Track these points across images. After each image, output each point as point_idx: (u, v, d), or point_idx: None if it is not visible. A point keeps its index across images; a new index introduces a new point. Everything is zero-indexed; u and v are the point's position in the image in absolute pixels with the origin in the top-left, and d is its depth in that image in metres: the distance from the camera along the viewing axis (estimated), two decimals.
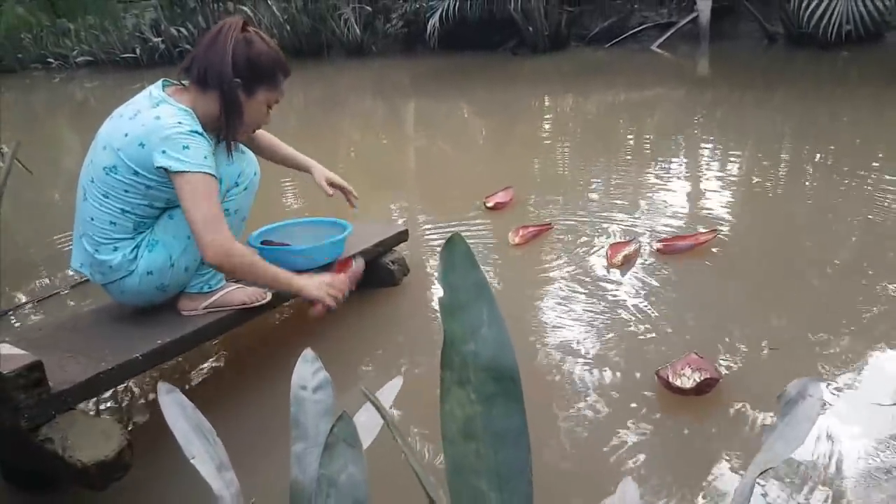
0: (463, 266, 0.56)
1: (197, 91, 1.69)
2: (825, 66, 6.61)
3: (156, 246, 1.71)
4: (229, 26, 1.69)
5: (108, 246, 1.68)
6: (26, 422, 1.39)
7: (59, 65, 13.82)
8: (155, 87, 1.70)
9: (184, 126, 1.61)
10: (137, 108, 1.65)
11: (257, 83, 1.72)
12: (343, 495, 0.61)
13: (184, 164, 1.59)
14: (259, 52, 1.70)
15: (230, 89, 1.68)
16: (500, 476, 0.53)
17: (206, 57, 1.67)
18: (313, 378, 0.99)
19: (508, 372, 0.56)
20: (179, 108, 1.64)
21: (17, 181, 2.95)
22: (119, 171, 1.63)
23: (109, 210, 1.66)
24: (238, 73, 1.67)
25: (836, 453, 1.46)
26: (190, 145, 1.60)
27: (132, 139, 1.60)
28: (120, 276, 1.70)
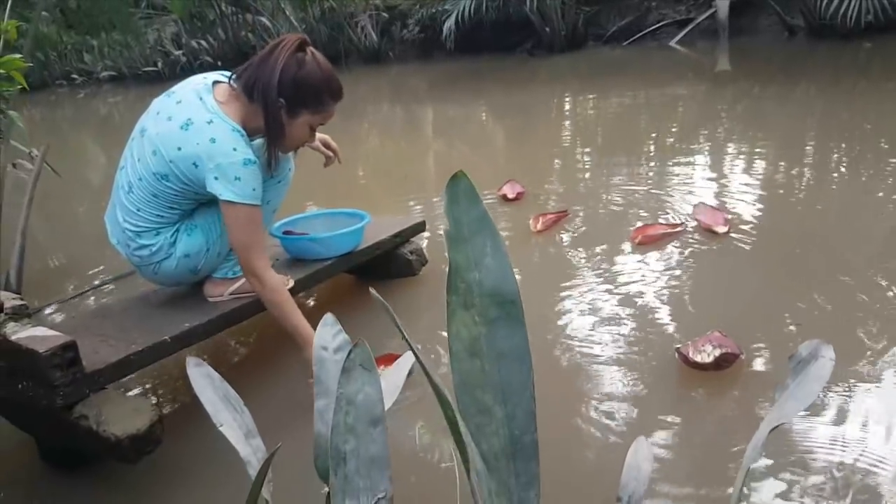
0: (466, 200, 0.60)
1: (246, 101, 1.71)
2: (847, 58, 6.54)
3: (195, 230, 1.78)
4: (284, 44, 1.70)
5: (151, 232, 1.76)
6: (62, 399, 1.45)
7: (84, 80, 14.14)
8: (205, 90, 1.71)
9: (238, 154, 1.64)
10: (189, 116, 1.66)
11: (301, 105, 1.73)
12: (360, 413, 0.65)
13: (234, 195, 1.65)
14: (307, 74, 1.70)
15: (273, 109, 1.69)
16: (503, 391, 0.57)
17: (257, 71, 1.69)
18: (334, 340, 1.03)
19: (510, 297, 0.60)
20: (233, 129, 1.66)
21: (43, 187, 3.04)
22: (170, 180, 1.69)
23: (158, 206, 1.73)
24: (283, 93, 1.68)
25: (858, 447, 1.44)
26: (242, 177, 1.65)
27: (186, 156, 1.65)
28: (158, 259, 1.77)
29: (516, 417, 0.56)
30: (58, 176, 3.25)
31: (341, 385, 0.66)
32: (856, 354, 1.74)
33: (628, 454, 1.09)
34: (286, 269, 2.06)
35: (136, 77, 13.04)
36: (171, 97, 1.73)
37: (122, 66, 13.42)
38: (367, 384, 0.65)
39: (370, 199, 3.89)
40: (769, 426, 1.00)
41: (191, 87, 1.73)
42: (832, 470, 1.37)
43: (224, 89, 1.73)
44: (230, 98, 1.72)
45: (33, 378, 1.47)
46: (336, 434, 0.65)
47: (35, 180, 2.91)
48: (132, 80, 13.14)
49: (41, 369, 1.43)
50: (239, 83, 1.72)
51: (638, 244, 2.58)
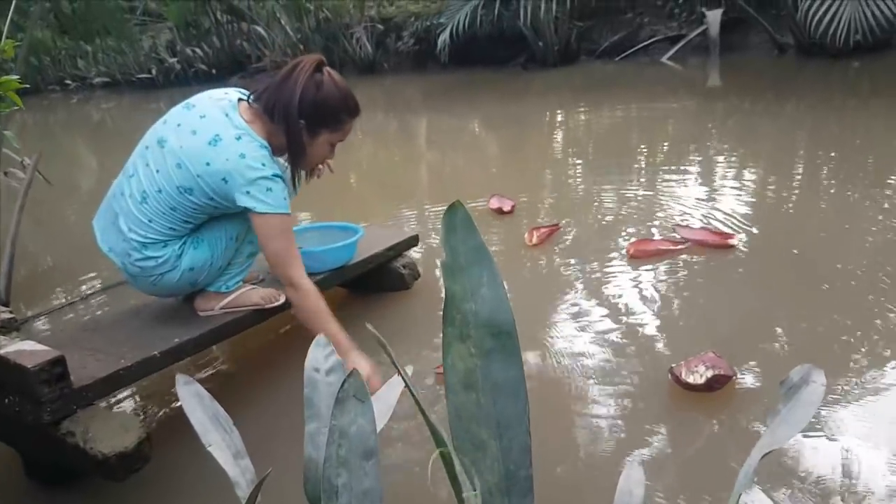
0: (463, 230, 0.60)
1: (268, 121, 1.74)
2: (836, 76, 6.60)
3: (201, 244, 1.78)
4: (303, 66, 1.73)
5: (159, 244, 1.74)
6: (49, 415, 1.44)
7: (77, 86, 14.09)
8: (231, 107, 1.73)
9: (267, 169, 1.68)
10: (216, 132, 1.67)
11: (321, 126, 1.77)
12: (353, 445, 0.64)
13: (267, 206, 1.68)
14: (326, 95, 1.73)
15: (295, 131, 1.73)
16: (499, 425, 0.56)
17: (276, 93, 1.72)
18: (326, 361, 1.03)
19: (506, 328, 0.60)
20: (261, 145, 1.69)
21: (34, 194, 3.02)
22: (195, 194, 1.69)
23: (173, 220, 1.73)
24: (303, 114, 1.72)
25: (856, 463, 1.45)
26: (273, 188, 1.68)
27: (215, 172, 1.66)
28: (162, 271, 1.76)
29: (511, 452, 0.56)
30: (49, 184, 3.23)
31: (334, 416, 0.66)
32: (848, 374, 1.75)
33: (620, 479, 1.09)
34: (278, 284, 2.05)
35: (130, 83, 13.00)
36: (193, 111, 1.74)
37: (115, 72, 13.38)
38: (360, 416, 0.65)
39: (363, 209, 3.89)
40: (761, 452, 1.00)
41: (213, 102, 1.75)
42: (826, 492, 1.37)
43: (247, 107, 1.76)
44: (255, 116, 1.75)
45: (20, 393, 1.46)
46: (328, 467, 0.64)
47: (26, 189, 2.89)
48: (126, 86, 13.10)
49: (29, 384, 1.42)
50: (259, 104, 1.74)
51: (631, 257, 2.60)
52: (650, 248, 2.64)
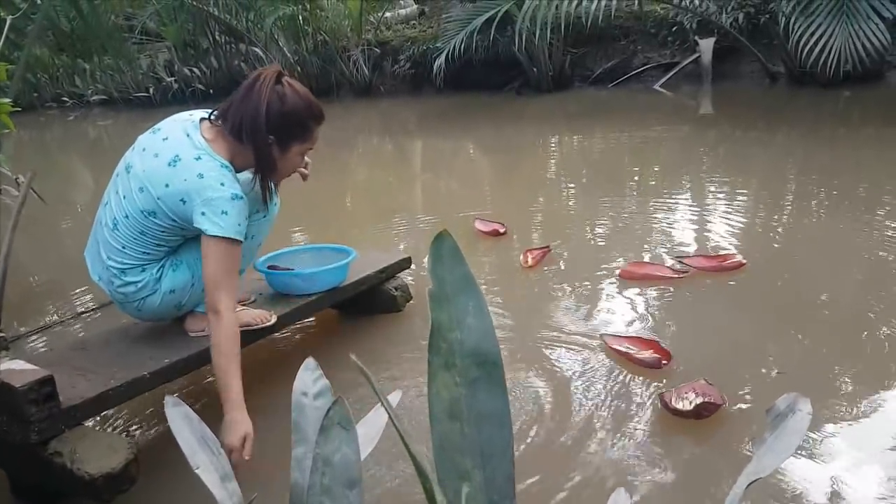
0: (450, 260, 0.61)
1: (234, 140, 1.71)
2: (827, 105, 6.69)
3: (180, 266, 1.78)
4: (263, 79, 1.70)
5: (137, 269, 1.74)
6: (37, 435, 1.43)
7: (74, 103, 14.11)
8: (192, 127, 1.71)
9: (226, 189, 1.64)
10: (176, 153, 1.66)
11: (291, 138, 1.74)
12: (337, 474, 0.64)
13: (219, 230, 1.63)
14: (292, 107, 1.70)
15: (264, 147, 1.70)
16: (483, 455, 0.57)
17: (240, 110, 1.69)
18: (314, 385, 1.03)
19: (491, 357, 0.61)
20: (221, 165, 1.67)
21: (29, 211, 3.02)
22: (158, 217, 1.68)
23: (145, 244, 1.72)
24: (271, 130, 1.69)
25: (845, 490, 1.46)
26: (229, 211, 1.64)
27: (173, 193, 1.64)
28: (143, 295, 1.76)
29: (495, 482, 0.57)
30: (43, 202, 3.23)
31: (318, 445, 0.66)
32: (838, 402, 1.76)
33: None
34: (269, 304, 2.06)
35: (128, 102, 13.03)
36: (157, 134, 1.74)
37: (113, 90, 13.42)
38: (344, 444, 0.65)
39: (357, 231, 3.90)
40: (747, 480, 1.01)
41: (177, 123, 1.74)
42: None
43: (209, 126, 1.74)
44: (217, 135, 1.72)
45: (8, 412, 1.45)
46: (312, 495, 0.65)
47: (20, 207, 2.89)
48: (123, 104, 13.13)
49: (17, 404, 1.42)
50: (225, 124, 1.71)
51: (622, 278, 2.64)
52: (643, 272, 2.67)
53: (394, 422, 0.52)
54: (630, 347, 2.09)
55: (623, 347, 2.10)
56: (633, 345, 2.10)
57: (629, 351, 2.08)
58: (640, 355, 2.05)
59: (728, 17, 7.90)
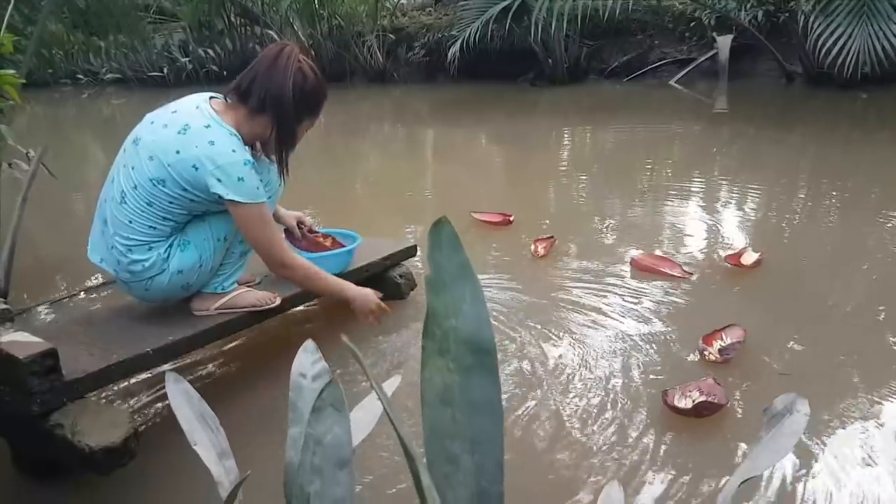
0: (449, 247, 0.61)
1: (249, 112, 1.74)
2: (843, 106, 6.63)
3: (188, 246, 1.78)
4: (289, 54, 1.74)
5: (144, 246, 1.75)
6: (38, 407, 1.45)
7: (89, 81, 14.16)
8: (202, 101, 1.75)
9: (238, 155, 1.68)
10: (186, 122, 1.69)
11: (305, 114, 1.81)
12: (328, 454, 0.65)
13: (241, 196, 1.69)
14: (313, 86, 1.78)
15: (289, 119, 1.76)
16: (473, 441, 0.57)
17: (266, 82, 1.72)
18: (313, 367, 1.03)
19: (485, 345, 0.61)
20: (231, 133, 1.70)
21: (38, 186, 3.04)
22: (167, 185, 1.69)
23: (152, 216, 1.73)
24: (295, 104, 1.75)
25: (844, 491, 1.45)
26: (244, 177, 1.68)
27: (184, 158, 1.67)
28: (151, 274, 1.76)
29: (485, 468, 0.57)
30: (53, 178, 3.25)
31: (310, 424, 0.67)
32: (840, 403, 1.76)
33: (600, 498, 1.09)
34: (274, 287, 2.06)
35: (141, 81, 13.07)
36: (166, 109, 1.77)
37: (126, 69, 13.46)
38: (336, 425, 0.66)
39: (365, 217, 3.91)
40: (740, 478, 1.01)
41: (186, 99, 1.78)
42: None
43: (219, 101, 1.78)
44: (226, 108, 1.76)
45: (11, 384, 1.47)
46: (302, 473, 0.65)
47: (30, 181, 2.91)
48: (137, 84, 13.17)
49: (19, 375, 1.43)
50: (244, 94, 1.74)
51: (634, 268, 2.67)
52: (654, 265, 2.67)
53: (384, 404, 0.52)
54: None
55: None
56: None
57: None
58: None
59: (747, 15, 7.84)
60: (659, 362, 2.01)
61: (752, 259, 2.63)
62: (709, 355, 1.98)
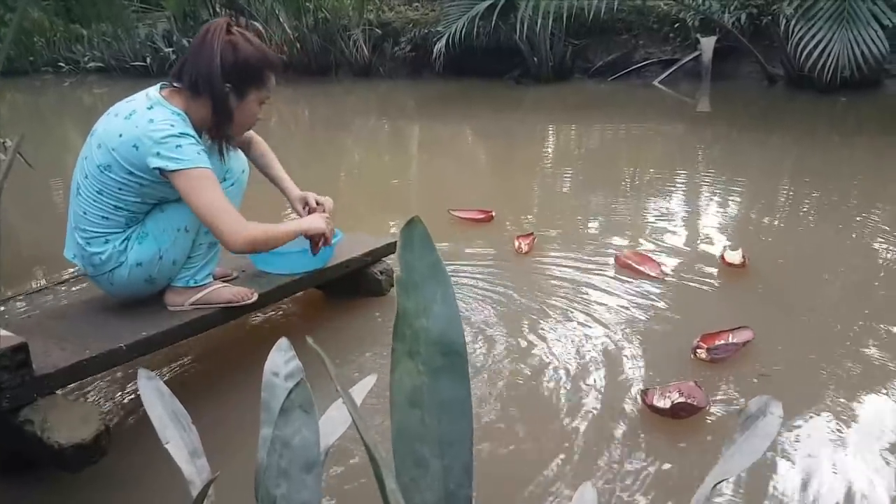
0: (420, 247, 0.60)
1: (189, 95, 1.73)
2: (823, 110, 6.70)
3: (146, 238, 1.76)
4: (213, 30, 1.72)
5: (100, 238, 1.73)
6: (8, 402, 1.42)
7: (70, 69, 13.96)
8: (153, 89, 1.75)
9: (175, 128, 1.66)
10: (133, 108, 1.69)
11: (247, 85, 1.76)
12: (295, 456, 0.64)
13: (179, 163, 1.64)
14: (246, 55, 1.73)
15: (221, 96, 1.72)
16: (441, 444, 0.57)
17: (195, 64, 1.71)
18: (286, 366, 1.02)
19: (456, 347, 0.60)
20: (173, 111, 1.69)
21: (18, 177, 2.99)
22: (113, 170, 1.67)
23: (103, 206, 1.71)
24: (227, 78, 1.71)
25: (819, 494, 1.47)
26: (182, 144, 1.65)
27: (126, 140, 1.65)
28: (110, 267, 1.74)
29: (453, 471, 0.56)
30: (31, 168, 3.19)
31: (278, 427, 0.66)
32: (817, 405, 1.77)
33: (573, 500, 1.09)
34: (251, 282, 2.05)
35: (124, 71, 12.89)
36: (124, 100, 1.76)
37: (109, 58, 13.28)
38: (304, 427, 0.65)
39: (347, 212, 3.88)
40: (714, 480, 1.01)
41: (142, 90, 1.77)
42: None
43: (170, 90, 1.76)
44: (173, 94, 1.75)
45: None
46: (268, 476, 0.64)
47: (6, 171, 2.85)
48: (119, 73, 13.00)
49: None
50: (182, 82, 1.73)
51: (618, 265, 2.69)
52: (635, 263, 2.68)
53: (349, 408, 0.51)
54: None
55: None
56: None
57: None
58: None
59: (730, 17, 7.88)
60: (641, 361, 2.02)
61: (737, 258, 2.64)
62: (700, 354, 1.99)
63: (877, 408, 1.78)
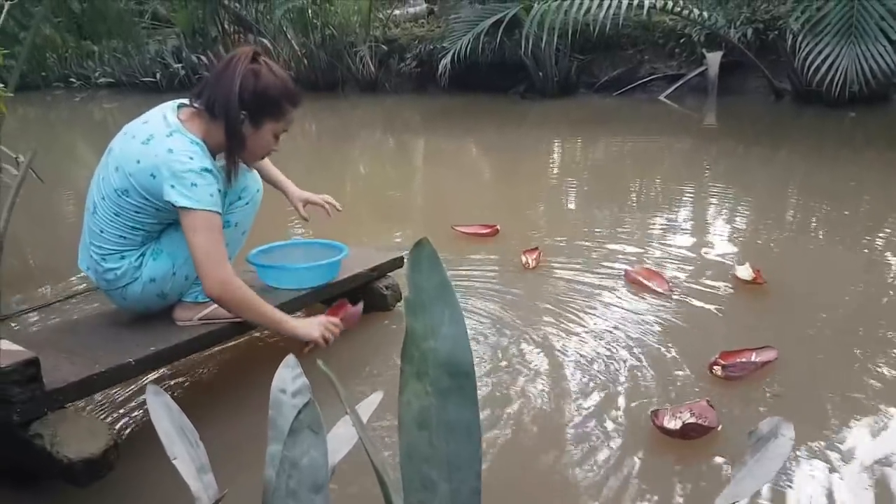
0: (429, 268, 0.61)
1: (208, 118, 1.75)
2: (831, 125, 6.69)
3: (160, 255, 1.78)
4: (239, 57, 1.74)
5: (116, 255, 1.75)
6: (18, 416, 1.43)
7: (81, 85, 14.11)
8: (170, 111, 1.75)
9: (194, 163, 1.66)
10: (151, 133, 1.70)
11: (263, 115, 1.77)
12: (304, 477, 0.64)
13: (190, 201, 1.65)
14: (266, 84, 1.74)
15: (235, 122, 1.73)
16: (450, 466, 0.57)
17: (215, 87, 1.73)
18: (293, 383, 1.03)
19: (464, 368, 0.61)
20: (192, 141, 1.69)
21: (28, 190, 3.02)
22: (130, 195, 1.70)
23: (120, 226, 1.73)
24: (244, 105, 1.72)
25: None
26: (198, 183, 1.66)
27: (144, 168, 1.67)
28: (124, 283, 1.76)
29: (461, 494, 0.57)
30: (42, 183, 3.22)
31: (287, 447, 0.66)
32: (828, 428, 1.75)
33: None
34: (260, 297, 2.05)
35: (134, 86, 13.03)
36: (140, 119, 1.77)
37: (119, 73, 13.42)
38: (313, 448, 0.65)
39: (353, 226, 3.90)
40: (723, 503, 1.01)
41: (158, 108, 1.78)
42: None
43: (187, 110, 1.78)
44: (192, 116, 1.76)
45: None
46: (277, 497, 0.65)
47: (18, 186, 2.88)
48: (129, 88, 13.13)
49: (0, 384, 1.41)
50: (199, 102, 1.75)
51: (628, 281, 2.70)
52: (644, 279, 2.68)
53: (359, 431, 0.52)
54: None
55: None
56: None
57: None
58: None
59: (737, 32, 7.90)
60: (652, 379, 2.00)
61: (748, 274, 2.64)
62: (716, 370, 1.98)
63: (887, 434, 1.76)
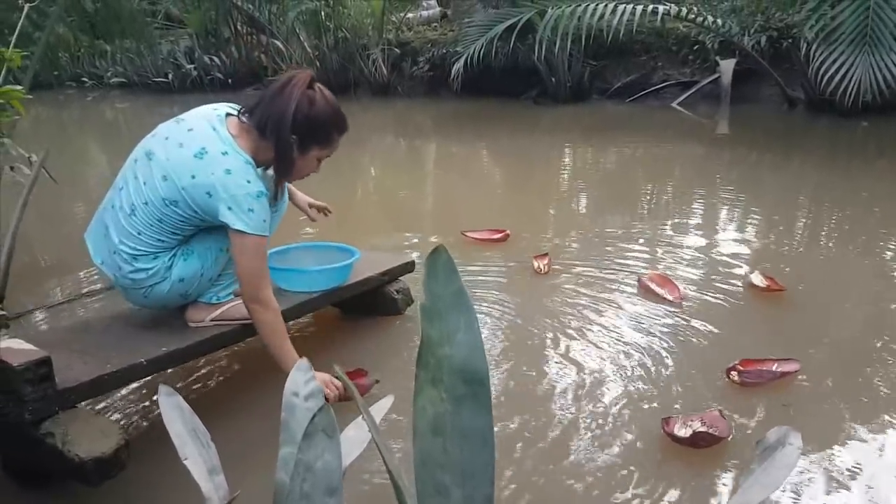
0: (445, 275, 0.61)
1: (257, 136, 1.76)
2: (844, 134, 6.65)
3: (191, 255, 1.80)
4: (296, 82, 1.75)
5: (149, 256, 1.76)
6: (30, 415, 1.44)
7: (94, 84, 14.20)
8: (218, 122, 1.75)
9: (252, 186, 1.70)
10: (203, 145, 1.70)
11: (312, 141, 1.80)
12: (318, 480, 0.65)
13: (245, 226, 1.69)
14: (318, 112, 1.77)
15: (286, 146, 1.75)
16: (463, 472, 0.57)
17: (269, 107, 1.74)
18: (306, 386, 1.03)
19: (479, 375, 0.61)
20: (246, 161, 1.71)
21: (40, 189, 3.05)
22: (180, 206, 1.71)
23: (160, 231, 1.74)
24: (296, 129, 1.74)
25: None
26: (255, 208, 1.69)
27: (200, 185, 1.68)
28: (153, 283, 1.77)
29: (474, 500, 0.57)
30: (55, 182, 3.25)
31: (301, 450, 0.66)
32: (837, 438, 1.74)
33: None
34: None
35: (146, 86, 13.10)
36: (181, 124, 1.77)
37: (132, 73, 13.51)
38: (327, 451, 0.66)
39: (364, 228, 3.91)
40: None
41: (202, 116, 1.77)
42: None
43: (235, 122, 1.78)
44: (242, 131, 1.76)
45: (4, 391, 1.46)
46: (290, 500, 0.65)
47: (31, 186, 2.91)
48: (141, 88, 13.21)
49: (13, 383, 1.43)
50: (251, 119, 1.76)
51: (641, 288, 2.70)
52: (656, 286, 2.67)
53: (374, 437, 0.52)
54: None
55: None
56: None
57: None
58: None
59: (750, 40, 7.87)
60: (664, 386, 2.00)
61: (762, 281, 2.63)
62: (733, 375, 1.99)
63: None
